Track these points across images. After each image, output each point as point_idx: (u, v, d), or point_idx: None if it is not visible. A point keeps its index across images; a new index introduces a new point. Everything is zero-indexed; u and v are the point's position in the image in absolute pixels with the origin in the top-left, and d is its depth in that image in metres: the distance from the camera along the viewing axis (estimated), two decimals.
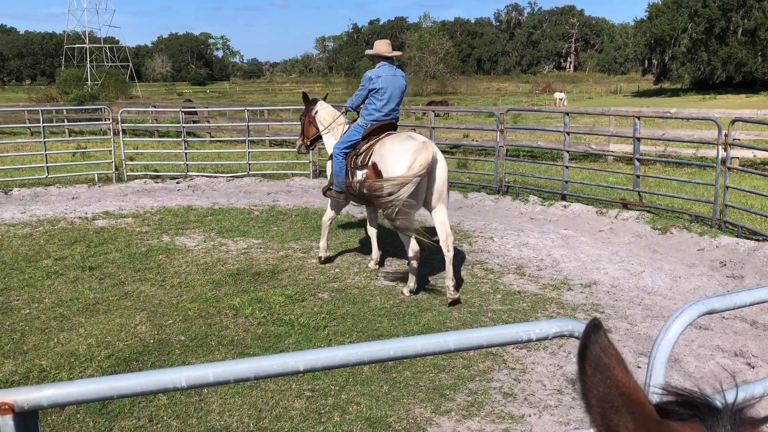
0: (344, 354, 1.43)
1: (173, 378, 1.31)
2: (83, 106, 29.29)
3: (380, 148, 6.75)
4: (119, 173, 13.94)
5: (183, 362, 5.10)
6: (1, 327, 5.87)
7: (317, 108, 7.99)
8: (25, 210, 11.07)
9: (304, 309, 6.29)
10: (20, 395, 1.22)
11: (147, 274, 7.42)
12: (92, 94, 40.34)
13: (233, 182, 13.78)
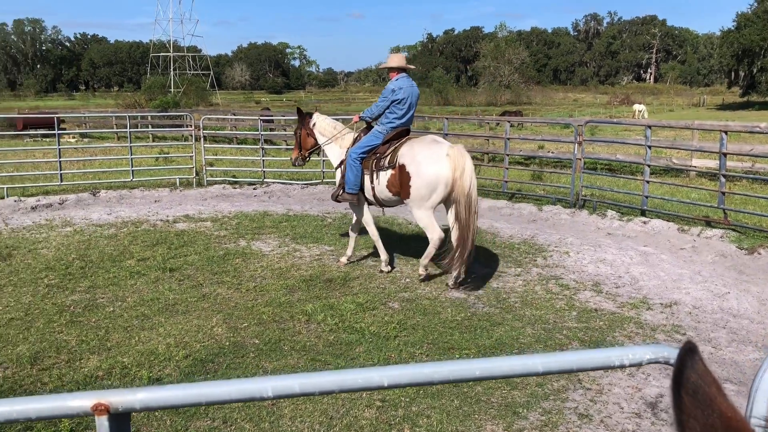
0: (430, 371, 1.41)
1: (260, 387, 1.32)
2: (167, 112, 30.46)
3: (409, 151, 7.17)
4: (199, 178, 14.40)
5: (257, 366, 5.19)
6: (88, 323, 6.13)
7: (315, 120, 8.36)
8: (111, 211, 11.57)
9: (374, 318, 6.30)
10: (115, 397, 1.25)
11: (224, 277, 7.61)
12: (175, 101, 41.91)
13: (307, 189, 14.00)
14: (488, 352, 5.53)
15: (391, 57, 7.75)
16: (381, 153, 7.50)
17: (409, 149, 7.22)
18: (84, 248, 8.86)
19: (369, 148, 7.58)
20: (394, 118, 7.53)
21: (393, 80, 7.61)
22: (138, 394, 1.27)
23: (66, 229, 10.09)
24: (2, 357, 5.33)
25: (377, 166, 7.46)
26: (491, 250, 8.89)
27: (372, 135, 7.65)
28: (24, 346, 5.58)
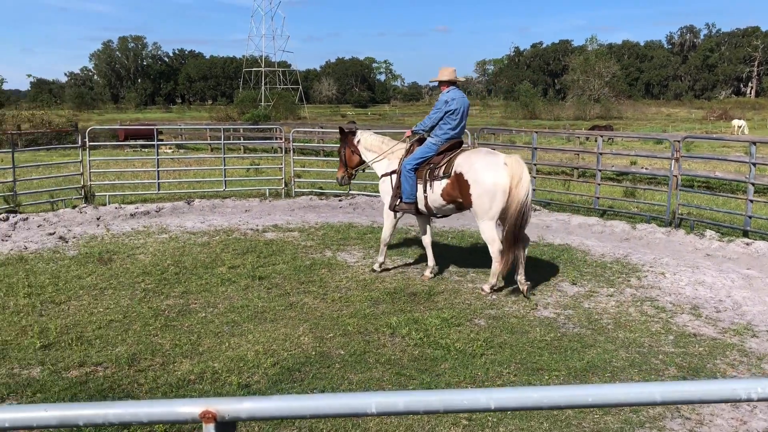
0: (539, 396, 1.34)
1: (364, 403, 1.29)
2: (257, 125, 31.42)
3: (466, 160, 7.38)
4: (288, 189, 14.73)
5: (342, 377, 5.20)
6: (181, 328, 6.34)
7: (359, 137, 8.57)
8: (204, 220, 11.99)
9: (460, 334, 6.20)
10: (222, 405, 1.26)
11: (310, 287, 7.72)
12: (266, 114, 43.21)
13: None
14: (579, 374, 5.33)
15: (442, 71, 7.87)
16: (435, 163, 7.68)
17: (466, 159, 7.43)
18: (178, 255, 9.21)
19: (423, 159, 7.77)
20: (448, 129, 7.71)
21: (444, 92, 7.81)
22: (244, 404, 1.27)
23: (162, 236, 10.52)
24: (102, 357, 5.58)
25: (431, 175, 7.65)
26: (582, 269, 8.62)
27: (426, 146, 7.81)
28: (122, 347, 5.82)
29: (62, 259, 8.91)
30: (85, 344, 5.87)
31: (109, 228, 11.12)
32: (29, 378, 5.17)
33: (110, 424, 1.26)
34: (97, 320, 6.51)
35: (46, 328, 6.19)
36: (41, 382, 5.09)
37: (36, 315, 6.66)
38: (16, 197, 12.54)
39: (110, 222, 11.71)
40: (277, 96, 79.51)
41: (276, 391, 4.91)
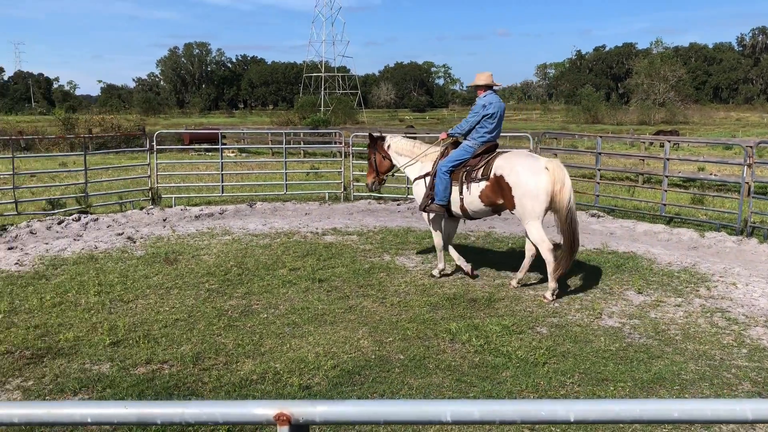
0: (619, 409, 1.29)
1: (439, 411, 1.27)
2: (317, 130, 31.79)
3: (507, 163, 7.44)
4: (347, 193, 14.83)
5: (402, 382, 5.18)
6: (243, 328, 6.45)
7: (389, 142, 8.66)
8: (265, 222, 12.19)
9: (521, 342, 6.10)
10: (296, 408, 1.25)
11: (369, 291, 7.73)
12: (325, 119, 43.69)
13: None
14: (646, 387, 5.16)
15: (479, 76, 7.96)
16: (472, 166, 7.75)
17: (506, 161, 7.49)
18: (241, 256, 9.38)
19: (459, 162, 7.83)
20: (485, 132, 7.79)
21: (482, 96, 7.88)
22: (318, 407, 1.27)
23: (225, 238, 10.74)
24: (168, 355, 5.72)
25: (468, 178, 7.71)
26: (648, 278, 8.36)
27: (462, 149, 7.88)
28: (187, 346, 5.96)
29: (130, 259, 9.20)
30: (151, 342, 6.03)
31: (174, 229, 11.43)
32: (99, 373, 5.34)
33: (186, 423, 1.28)
34: (163, 319, 6.69)
35: (115, 326, 6.40)
36: (110, 377, 5.25)
37: (105, 312, 6.89)
38: (87, 198, 13.03)
39: (176, 223, 12.04)
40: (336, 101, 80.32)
41: (336, 393, 4.93)
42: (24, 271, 8.55)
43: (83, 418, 1.27)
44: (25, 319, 6.65)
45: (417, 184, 8.37)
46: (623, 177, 19.19)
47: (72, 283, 7.95)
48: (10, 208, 12.06)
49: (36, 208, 12.77)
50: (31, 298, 7.32)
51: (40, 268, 8.73)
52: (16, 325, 6.46)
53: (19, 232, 10.96)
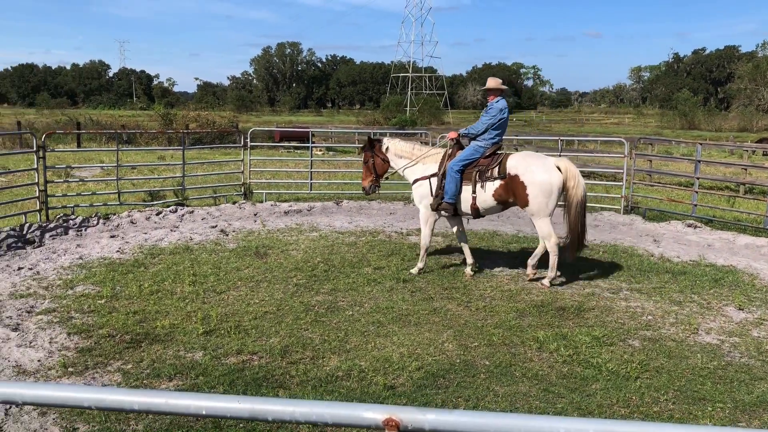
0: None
1: (552, 426, 1.23)
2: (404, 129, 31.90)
3: (521, 162, 7.84)
4: None
5: (487, 388, 5.11)
6: (329, 324, 6.54)
7: (386, 144, 8.71)
8: (351, 220, 12.33)
9: (612, 354, 5.90)
10: (406, 414, 1.24)
11: (454, 293, 7.68)
12: (412, 119, 43.80)
13: None
14: (748, 409, 4.88)
15: (492, 81, 8.28)
16: (484, 165, 8.01)
17: (520, 161, 7.89)
18: (328, 253, 9.52)
19: (470, 161, 8.05)
20: (496, 134, 8.12)
21: (496, 101, 8.17)
22: (428, 415, 1.25)
23: (313, 234, 10.94)
24: (258, 347, 5.88)
25: (482, 177, 7.98)
26: (749, 294, 7.90)
27: (473, 149, 8.10)
28: (275, 338, 6.10)
29: (223, 251, 9.52)
30: (242, 333, 6.22)
31: (265, 224, 11.74)
32: (193, 361, 5.55)
33: (296, 421, 1.29)
34: (253, 311, 6.87)
35: (208, 315, 6.63)
36: (203, 366, 5.44)
37: (199, 302, 7.15)
38: (184, 191, 13.59)
39: (266, 218, 12.36)
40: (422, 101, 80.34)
41: (421, 395, 4.92)
42: (125, 259, 9.00)
43: (198, 410, 1.31)
44: (125, 305, 6.99)
45: (419, 186, 8.44)
46: (722, 186, 18.25)
47: (168, 272, 8.31)
48: (113, 198, 12.73)
49: (136, 199, 13.43)
50: (130, 285, 7.70)
51: (139, 256, 9.17)
52: (117, 310, 6.80)
53: (121, 221, 11.54)
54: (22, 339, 6.00)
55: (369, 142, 9.00)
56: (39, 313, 6.74)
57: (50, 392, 1.46)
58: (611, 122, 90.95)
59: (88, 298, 7.21)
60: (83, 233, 10.71)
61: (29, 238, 10.10)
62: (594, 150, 24.09)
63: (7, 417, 4.54)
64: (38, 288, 7.61)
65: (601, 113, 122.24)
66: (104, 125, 35.53)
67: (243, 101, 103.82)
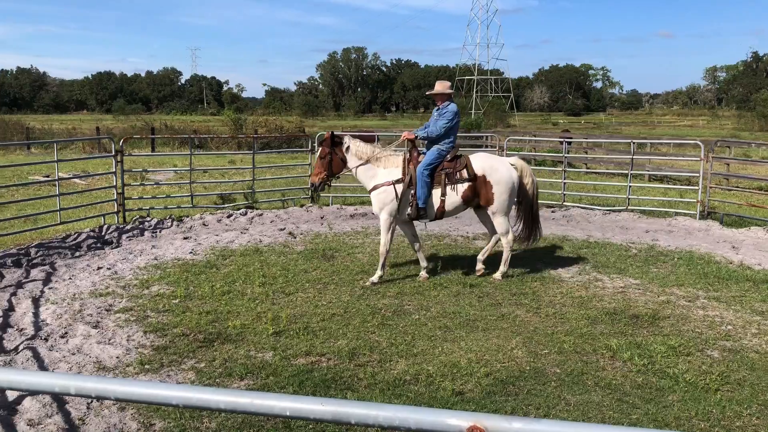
0: None
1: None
2: (469, 133, 31.70)
3: (486, 163, 8.24)
4: None
5: (559, 397, 5.00)
6: (396, 327, 6.54)
7: (348, 143, 8.37)
8: (416, 224, 12.29)
9: (690, 364, 5.67)
10: (491, 422, 1.22)
11: (522, 299, 7.56)
12: (478, 122, 43.48)
13: (609, 216, 13.33)
14: None
15: (442, 84, 8.45)
16: (451, 168, 8.15)
17: (485, 161, 8.27)
18: (393, 256, 9.53)
19: (435, 165, 8.13)
20: (454, 137, 8.32)
21: (446, 105, 8.28)
22: (514, 424, 1.22)
23: (378, 238, 10.96)
24: (326, 348, 5.93)
25: (452, 179, 8.12)
26: None
27: (436, 153, 8.17)
28: (343, 341, 6.14)
29: (291, 254, 9.67)
30: (310, 334, 6.29)
31: (331, 227, 11.86)
32: (263, 361, 5.65)
33: (379, 426, 1.28)
34: (321, 313, 6.95)
35: (278, 316, 6.74)
36: (273, 366, 5.53)
37: (269, 303, 7.28)
38: (253, 194, 13.88)
39: (332, 221, 12.49)
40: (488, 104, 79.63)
41: (490, 402, 4.85)
42: (197, 260, 9.26)
43: (282, 410, 1.32)
44: (198, 305, 7.19)
45: (383, 191, 8.15)
46: None
47: (239, 273, 8.49)
48: (186, 201, 13.13)
49: (208, 202, 13.80)
50: (203, 286, 7.91)
51: (211, 257, 9.41)
52: (190, 310, 7.00)
53: (194, 223, 11.89)
54: (102, 336, 6.25)
55: (331, 137, 8.52)
56: (117, 311, 7.00)
57: (139, 389, 1.50)
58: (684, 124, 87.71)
59: (163, 298, 7.45)
60: (158, 235, 11.08)
61: (107, 239, 10.52)
62: (667, 153, 23.29)
63: (89, 411, 4.73)
64: (116, 287, 7.91)
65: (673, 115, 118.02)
66: (177, 130, 36.70)
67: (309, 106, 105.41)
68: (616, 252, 10.08)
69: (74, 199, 13.01)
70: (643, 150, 22.99)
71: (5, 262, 8.77)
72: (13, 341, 6.17)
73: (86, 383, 1.45)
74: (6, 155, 26.66)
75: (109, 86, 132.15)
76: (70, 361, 5.70)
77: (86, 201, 12.55)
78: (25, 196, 13.53)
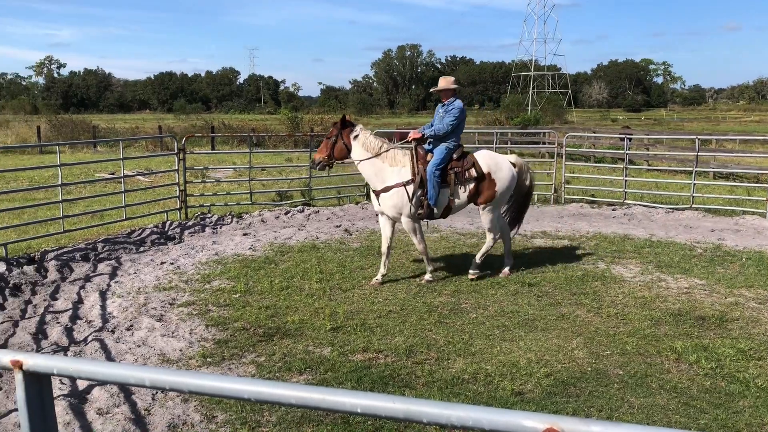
0: None
1: None
2: (526, 129, 31.27)
3: (491, 161, 8.20)
4: (557, 195, 14.37)
5: (622, 399, 4.88)
6: (453, 326, 6.50)
7: (357, 131, 8.10)
8: (472, 222, 12.19)
9: (761, 369, 5.44)
10: (568, 425, 1.19)
11: (583, 299, 7.40)
12: (536, 118, 42.85)
13: (672, 214, 12.93)
14: None
15: (446, 80, 8.22)
16: (459, 166, 8.02)
17: (489, 159, 8.20)
18: (449, 254, 9.48)
19: (445, 164, 7.96)
20: (460, 135, 8.14)
21: (453, 101, 8.07)
22: (592, 427, 1.19)
23: (434, 235, 10.94)
24: (383, 345, 5.94)
25: (461, 178, 8.00)
26: None
27: (445, 151, 7.98)
28: (400, 338, 6.14)
29: (347, 250, 9.73)
30: (367, 331, 6.31)
31: None
32: (321, 356, 5.70)
33: (452, 426, 1.27)
34: (378, 309, 6.97)
35: (335, 312, 6.79)
36: (331, 361, 5.57)
37: (326, 299, 7.34)
38: (310, 192, 14.03)
39: None
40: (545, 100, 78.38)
41: (550, 403, 4.77)
42: (256, 256, 9.41)
43: (353, 407, 1.32)
44: (257, 300, 7.31)
45: (396, 193, 7.85)
46: None
47: (297, 269, 8.59)
48: (245, 198, 13.37)
49: (266, 199, 14.02)
50: (262, 281, 8.03)
51: (269, 253, 9.56)
52: (250, 305, 7.12)
53: (252, 220, 12.09)
54: (166, 329, 6.42)
55: (342, 121, 8.28)
56: (180, 305, 7.18)
57: (210, 382, 1.52)
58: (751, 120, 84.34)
59: (224, 293, 7.60)
60: (218, 231, 11.32)
61: (170, 234, 10.80)
62: (733, 150, 22.44)
63: (153, 402, 4.86)
64: (179, 282, 8.12)
65: (739, 110, 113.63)
66: (235, 129, 37.40)
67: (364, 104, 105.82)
68: (680, 251, 9.77)
69: (138, 196, 13.40)
70: (707, 146, 22.22)
71: (74, 257, 9.11)
72: (83, 332, 6.40)
73: (161, 376, 1.49)
74: (74, 153, 27.72)
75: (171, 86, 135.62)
76: (135, 353, 5.88)
77: (150, 198, 12.93)
78: (92, 193, 14.01)
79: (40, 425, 1.67)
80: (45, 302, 7.33)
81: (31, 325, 6.57)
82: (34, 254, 8.96)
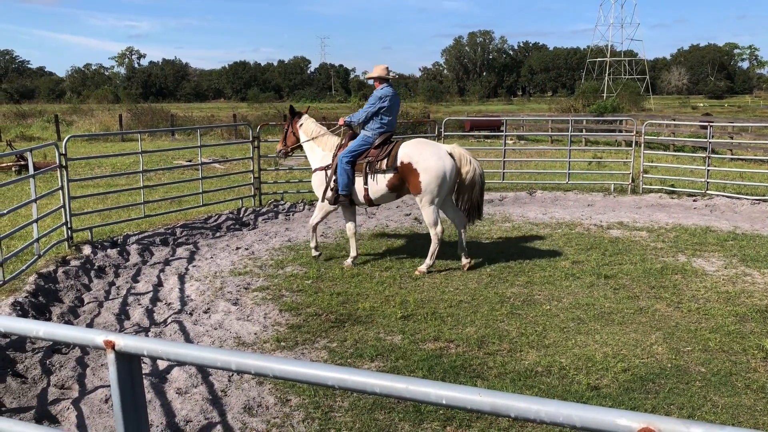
0: None
1: None
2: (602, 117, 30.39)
3: (414, 150, 7.81)
4: (635, 185, 13.91)
5: (704, 397, 4.69)
6: (526, 317, 6.39)
7: (303, 120, 8.68)
8: (545, 212, 11.98)
9: None
10: (667, 425, 1.13)
11: (662, 293, 7.14)
12: (614, 105, 41.57)
13: (759, 206, 12.30)
14: None
15: (375, 68, 8.17)
16: (375, 156, 7.94)
17: (413, 149, 7.84)
18: (521, 244, 9.33)
19: (359, 152, 7.97)
20: (383, 123, 8.01)
21: (379, 89, 8.05)
22: (693, 428, 1.12)
23: (505, 225, 10.79)
24: (454, 335, 5.91)
25: (373, 168, 7.92)
26: None
27: (361, 140, 8.02)
28: (471, 328, 6.09)
29: (417, 239, 9.70)
30: (438, 320, 6.28)
31: None
32: (392, 344, 5.72)
33: (540, 421, 1.23)
34: (448, 299, 6.93)
35: (406, 300, 6.79)
36: (402, 349, 5.58)
37: (396, 287, 7.36)
38: None
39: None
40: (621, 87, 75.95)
41: (628, 399, 4.63)
42: (328, 243, 9.53)
43: (438, 398, 1.30)
44: (329, 286, 7.40)
45: (316, 176, 8.40)
46: None
47: (367, 256, 8.64)
48: None
49: None
50: (333, 268, 8.12)
51: (340, 240, 9.66)
52: (322, 291, 7.22)
53: None
54: (241, 313, 6.58)
55: (290, 111, 8.98)
56: (254, 290, 7.35)
57: (293, 368, 1.54)
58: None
59: (297, 278, 7.73)
60: (291, 218, 11.51)
61: (245, 220, 11.06)
62: None
63: (230, 383, 4.99)
64: (253, 267, 8.31)
65: None
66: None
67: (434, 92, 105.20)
68: (767, 245, 9.30)
69: (214, 183, 13.77)
70: None
71: (154, 241, 9.45)
72: (162, 314, 6.64)
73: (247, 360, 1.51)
74: (153, 141, 28.75)
75: (244, 75, 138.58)
76: (212, 335, 6.05)
77: (225, 185, 13.25)
78: (170, 179, 14.49)
79: (130, 403, 1.72)
80: (127, 284, 7.64)
81: (115, 306, 6.86)
82: (117, 238, 9.34)
